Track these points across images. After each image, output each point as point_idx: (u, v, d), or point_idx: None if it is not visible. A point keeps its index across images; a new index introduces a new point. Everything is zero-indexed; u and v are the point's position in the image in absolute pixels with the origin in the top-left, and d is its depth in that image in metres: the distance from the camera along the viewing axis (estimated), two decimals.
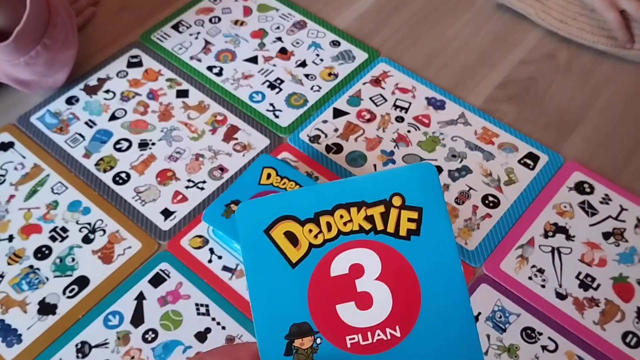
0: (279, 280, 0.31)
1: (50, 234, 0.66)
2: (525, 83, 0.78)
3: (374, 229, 0.32)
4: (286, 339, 0.31)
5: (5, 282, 0.63)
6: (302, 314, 0.31)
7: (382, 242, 0.32)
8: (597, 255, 0.64)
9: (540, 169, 0.70)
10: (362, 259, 0.32)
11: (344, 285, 0.32)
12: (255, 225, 0.32)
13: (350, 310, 0.31)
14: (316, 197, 0.32)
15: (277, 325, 0.31)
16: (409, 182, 0.32)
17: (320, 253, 0.32)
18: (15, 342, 0.59)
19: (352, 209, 0.32)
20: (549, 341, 0.58)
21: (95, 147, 0.73)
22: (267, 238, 0.32)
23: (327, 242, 0.32)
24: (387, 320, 0.31)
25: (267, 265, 0.32)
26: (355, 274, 0.32)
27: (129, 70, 0.80)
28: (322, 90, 0.77)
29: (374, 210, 0.32)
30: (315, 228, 0.32)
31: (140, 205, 0.68)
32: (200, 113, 0.75)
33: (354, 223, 0.32)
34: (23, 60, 0.68)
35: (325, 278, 0.32)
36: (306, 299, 0.31)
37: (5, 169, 0.71)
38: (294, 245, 0.32)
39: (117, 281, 0.63)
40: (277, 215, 0.32)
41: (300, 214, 0.32)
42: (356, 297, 0.31)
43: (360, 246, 0.32)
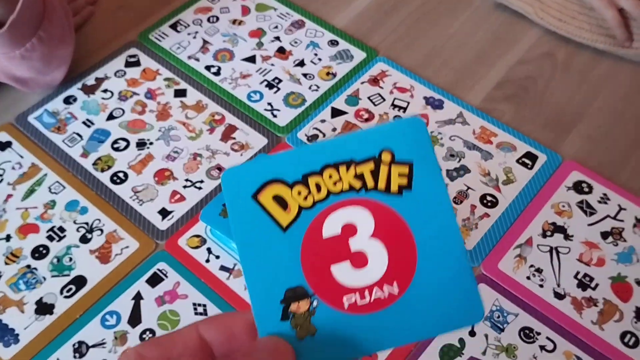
0: (270, 246, 0.31)
1: (48, 233, 0.66)
2: (524, 82, 0.78)
3: (364, 187, 0.31)
4: (281, 304, 0.30)
5: (2, 282, 0.63)
6: (296, 277, 0.30)
7: (373, 199, 0.31)
8: (596, 254, 0.63)
9: (539, 169, 0.70)
10: (354, 218, 0.31)
11: (338, 245, 0.31)
12: (242, 191, 0.31)
13: (345, 270, 0.30)
14: (303, 158, 0.32)
15: (271, 291, 0.30)
16: (398, 137, 0.32)
17: (311, 215, 0.31)
18: (12, 342, 0.59)
19: (341, 168, 0.31)
20: (547, 341, 0.58)
21: (93, 147, 0.72)
22: (256, 203, 0.31)
23: (318, 203, 0.31)
24: (384, 278, 0.30)
25: (257, 231, 0.31)
26: (348, 233, 0.31)
27: (126, 69, 0.80)
28: (320, 89, 0.77)
29: (363, 168, 0.31)
30: (304, 190, 0.31)
31: (137, 205, 0.68)
32: (198, 112, 0.75)
33: (344, 182, 0.31)
34: (19, 53, 0.68)
35: (318, 240, 0.31)
36: (299, 263, 0.31)
37: (2, 168, 0.71)
38: (283, 209, 0.31)
39: (114, 281, 0.63)
40: (264, 179, 0.31)
41: (287, 176, 0.31)
42: (351, 256, 0.30)
43: (351, 205, 0.31)
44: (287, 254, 0.31)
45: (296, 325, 0.30)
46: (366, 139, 0.32)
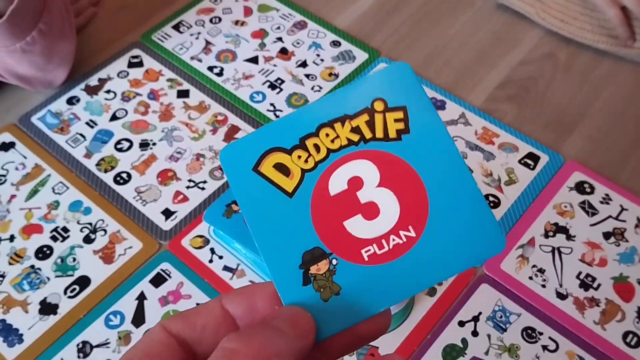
0: (279, 214, 0.31)
1: (52, 234, 0.66)
2: (525, 83, 0.78)
3: (363, 139, 0.31)
4: (301, 268, 0.30)
5: (6, 282, 0.63)
6: (311, 240, 0.30)
7: (374, 149, 0.31)
8: (598, 255, 0.64)
9: (541, 169, 0.70)
10: (358, 171, 0.31)
11: (347, 200, 0.31)
12: (241, 166, 0.31)
13: (358, 224, 0.30)
14: (297, 122, 0.32)
15: (288, 258, 0.30)
16: (387, 84, 0.32)
17: (315, 176, 0.31)
18: (16, 341, 0.60)
19: (336, 125, 0.31)
20: (549, 341, 0.59)
21: (96, 147, 0.73)
22: (257, 175, 0.31)
23: (319, 163, 0.31)
24: (399, 223, 0.30)
25: (263, 202, 0.31)
26: (355, 186, 0.31)
27: (129, 70, 0.80)
28: (323, 90, 0.77)
29: (358, 121, 0.31)
30: (303, 153, 0.31)
31: (141, 205, 0.68)
32: (201, 113, 0.75)
33: (341, 138, 0.31)
34: (19, 46, 0.68)
35: (326, 199, 0.31)
36: (311, 225, 0.30)
37: (6, 169, 0.71)
38: (286, 175, 0.31)
39: (118, 281, 0.63)
40: (262, 150, 0.31)
41: (284, 143, 0.31)
42: (361, 208, 0.31)
43: (353, 159, 0.31)
44: (298, 219, 0.31)
45: (319, 287, 0.30)
46: (356, 91, 0.32)
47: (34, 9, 0.67)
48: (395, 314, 0.58)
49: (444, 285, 0.62)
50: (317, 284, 0.30)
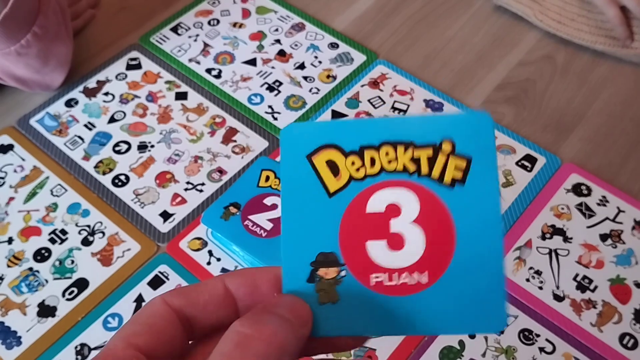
0: (313, 207, 0.31)
1: (50, 236, 0.66)
2: (523, 84, 0.78)
3: (417, 172, 0.30)
4: (311, 265, 0.30)
5: (4, 285, 0.63)
6: (331, 244, 0.31)
7: (424, 185, 0.31)
8: (595, 257, 0.64)
9: (538, 171, 0.70)
10: (400, 200, 0.31)
11: (378, 222, 0.31)
12: (298, 148, 0.31)
13: (380, 249, 0.30)
14: (364, 130, 0.31)
15: (304, 251, 0.31)
16: (462, 129, 0.30)
17: (360, 187, 0.31)
18: (14, 344, 0.60)
19: (399, 147, 0.31)
20: (546, 343, 0.59)
21: (95, 150, 0.73)
22: (309, 163, 0.31)
23: (368, 177, 0.31)
24: (416, 265, 0.30)
25: (304, 190, 0.31)
26: (392, 213, 0.31)
27: (128, 72, 0.80)
28: (321, 92, 0.78)
29: (421, 153, 0.31)
30: (358, 161, 0.31)
31: (139, 208, 0.68)
32: (199, 115, 0.76)
33: (399, 162, 0.31)
34: (14, 49, 0.68)
35: (360, 213, 0.31)
36: (337, 231, 0.31)
37: (4, 171, 0.71)
38: (334, 175, 0.31)
39: (116, 283, 0.63)
40: (322, 142, 0.31)
41: (345, 144, 0.31)
42: (389, 236, 0.30)
43: (401, 186, 0.31)
44: (328, 220, 0.31)
45: (320, 289, 0.30)
46: (431, 124, 0.31)
47: (28, 13, 0.67)
48: None
49: None
50: (320, 286, 0.30)
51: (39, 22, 0.68)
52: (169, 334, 0.28)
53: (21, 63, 0.71)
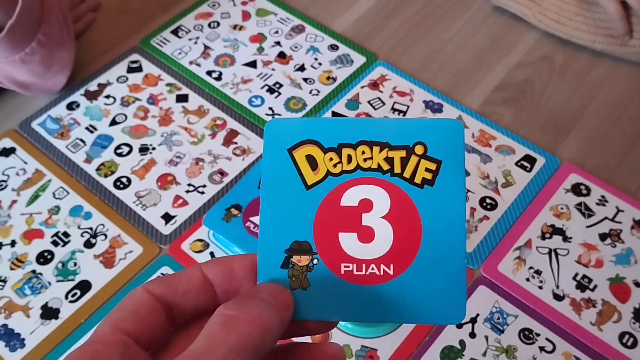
0: (291, 198, 0.33)
1: (52, 238, 0.67)
2: (522, 85, 0.79)
3: (390, 171, 0.33)
4: (286, 253, 0.32)
5: (8, 287, 0.64)
6: (305, 233, 0.33)
7: (396, 184, 0.33)
8: (594, 256, 0.64)
9: (537, 171, 0.70)
10: (373, 196, 0.33)
11: (351, 216, 0.33)
12: (280, 142, 0.34)
13: (351, 240, 0.33)
14: (343, 128, 0.34)
15: (280, 239, 0.33)
16: (435, 134, 0.33)
17: (336, 182, 0.33)
18: (18, 346, 0.60)
19: (375, 147, 0.33)
20: (546, 342, 0.59)
21: (96, 152, 0.73)
22: (289, 157, 0.33)
23: (345, 173, 0.34)
24: (384, 258, 0.33)
25: (283, 181, 0.33)
26: (364, 208, 0.33)
27: (129, 75, 0.80)
28: (321, 94, 0.78)
29: (395, 153, 0.33)
30: (336, 157, 0.33)
31: (141, 210, 0.69)
32: (200, 117, 0.76)
33: (374, 161, 0.33)
34: (19, 57, 0.69)
35: (335, 206, 0.33)
36: (312, 221, 0.33)
37: (7, 174, 0.72)
38: (312, 169, 0.34)
39: (119, 285, 0.64)
40: (303, 137, 0.34)
41: (325, 141, 0.34)
42: (360, 229, 0.33)
43: (374, 184, 0.33)
44: (304, 210, 0.33)
45: (292, 275, 0.32)
46: (405, 127, 0.34)
47: (32, 22, 0.68)
48: None
49: None
50: (292, 272, 0.32)
51: (42, 29, 0.69)
52: (152, 320, 0.30)
53: (24, 69, 0.71)
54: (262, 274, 0.32)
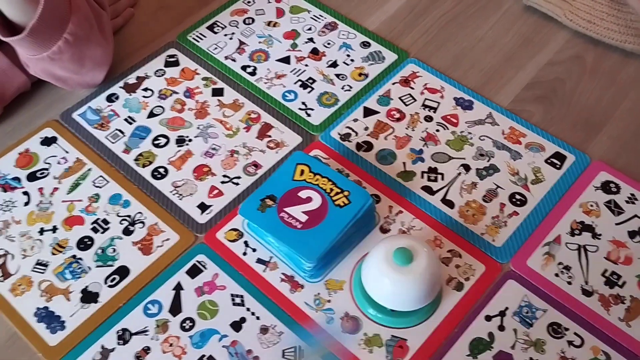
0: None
1: (92, 225, 0.69)
2: (553, 84, 0.80)
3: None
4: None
5: (49, 271, 0.66)
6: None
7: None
8: (623, 253, 0.65)
9: (567, 169, 0.71)
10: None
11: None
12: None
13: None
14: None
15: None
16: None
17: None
18: (58, 328, 0.62)
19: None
20: (574, 336, 0.60)
21: (135, 143, 0.75)
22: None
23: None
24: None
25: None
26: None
27: (166, 69, 0.83)
28: (353, 89, 0.79)
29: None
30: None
31: (177, 199, 0.70)
32: (234, 111, 0.78)
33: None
34: (47, 55, 0.70)
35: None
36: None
37: (48, 162, 0.74)
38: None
39: (156, 272, 0.65)
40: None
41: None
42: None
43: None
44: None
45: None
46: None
47: (58, 21, 0.68)
48: (423, 307, 0.60)
49: (470, 281, 0.63)
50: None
51: (69, 29, 0.69)
52: None
53: (56, 66, 0.72)
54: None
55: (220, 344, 0.61)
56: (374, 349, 0.60)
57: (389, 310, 0.60)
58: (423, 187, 0.70)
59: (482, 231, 0.67)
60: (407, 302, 0.59)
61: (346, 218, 0.63)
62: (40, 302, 0.64)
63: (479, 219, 0.68)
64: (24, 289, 0.65)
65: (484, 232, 0.67)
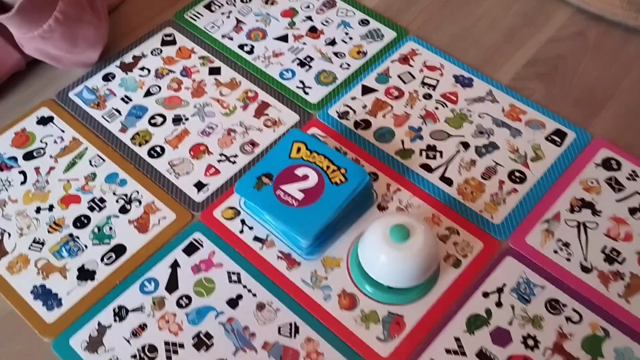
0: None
1: (89, 204, 0.69)
2: (554, 61, 0.79)
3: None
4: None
5: (46, 249, 0.66)
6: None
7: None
8: (623, 230, 0.64)
9: (568, 146, 0.70)
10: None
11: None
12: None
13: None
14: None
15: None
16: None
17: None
18: (55, 305, 0.62)
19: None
20: (573, 313, 0.59)
21: (131, 122, 0.75)
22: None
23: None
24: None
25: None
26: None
27: (163, 48, 0.82)
28: (351, 68, 0.79)
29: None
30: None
31: (174, 178, 0.70)
32: (231, 90, 0.77)
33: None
34: (37, 34, 0.69)
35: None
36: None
37: (45, 142, 0.74)
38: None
39: (152, 250, 0.65)
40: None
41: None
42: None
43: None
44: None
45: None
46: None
47: (47, 0, 0.68)
48: (420, 284, 0.60)
49: (468, 258, 0.63)
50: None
51: (59, 7, 0.68)
52: None
53: (49, 45, 0.72)
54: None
55: (217, 320, 0.60)
56: (370, 325, 0.59)
57: (385, 287, 0.60)
58: (421, 165, 0.70)
59: (480, 208, 0.66)
60: (404, 279, 0.59)
61: (343, 196, 0.62)
62: (37, 280, 0.64)
63: (477, 196, 0.67)
64: (21, 267, 0.65)
65: (482, 210, 0.66)
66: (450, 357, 0.58)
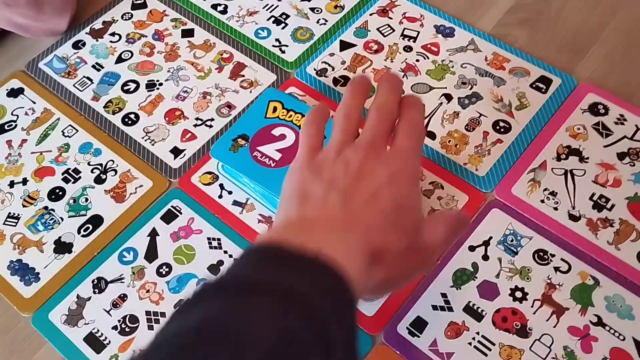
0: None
1: (63, 175, 0.67)
2: (537, 6, 0.76)
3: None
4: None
5: (21, 224, 0.64)
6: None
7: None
8: (612, 175, 0.62)
9: (553, 92, 0.68)
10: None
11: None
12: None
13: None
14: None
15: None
16: None
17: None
18: (33, 280, 0.61)
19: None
20: (561, 262, 0.58)
21: (104, 90, 0.73)
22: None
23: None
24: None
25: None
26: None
27: (133, 12, 0.79)
28: (328, 23, 0.76)
29: None
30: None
31: (150, 145, 0.68)
32: (206, 52, 0.75)
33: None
34: (1, 1, 0.67)
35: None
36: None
37: (16, 114, 0.72)
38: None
39: (130, 219, 0.64)
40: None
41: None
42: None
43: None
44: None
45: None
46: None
47: None
48: None
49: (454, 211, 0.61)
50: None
51: None
52: None
53: (15, 13, 0.70)
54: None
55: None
56: None
57: None
58: None
59: (464, 161, 0.64)
60: None
61: None
62: (13, 255, 0.62)
63: (461, 149, 0.65)
64: None
65: (466, 162, 0.64)
66: (437, 312, 0.56)
